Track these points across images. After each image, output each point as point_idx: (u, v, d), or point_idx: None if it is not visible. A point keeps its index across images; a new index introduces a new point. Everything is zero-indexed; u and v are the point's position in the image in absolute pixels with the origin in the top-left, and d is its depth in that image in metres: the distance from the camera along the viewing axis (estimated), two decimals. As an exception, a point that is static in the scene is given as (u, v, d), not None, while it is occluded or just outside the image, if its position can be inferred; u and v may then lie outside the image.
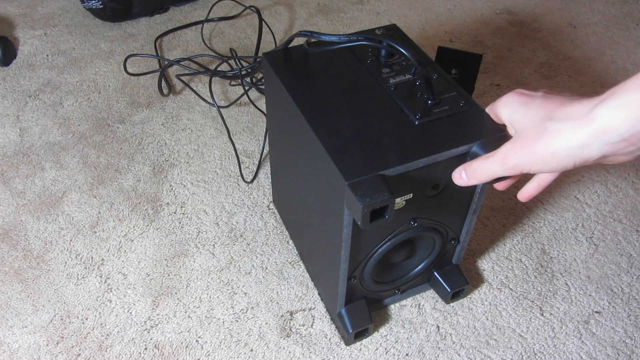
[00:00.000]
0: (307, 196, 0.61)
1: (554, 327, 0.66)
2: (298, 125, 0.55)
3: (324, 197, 0.55)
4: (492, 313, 0.68)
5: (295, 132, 0.57)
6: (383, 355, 0.64)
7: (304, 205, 0.64)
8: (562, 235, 0.76)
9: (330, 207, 0.53)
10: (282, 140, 0.66)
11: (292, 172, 0.65)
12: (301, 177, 0.62)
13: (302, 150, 0.58)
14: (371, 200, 0.44)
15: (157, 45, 1.12)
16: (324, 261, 0.62)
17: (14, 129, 0.94)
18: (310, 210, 0.62)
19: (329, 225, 0.55)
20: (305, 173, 0.59)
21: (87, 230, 0.78)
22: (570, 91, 0.97)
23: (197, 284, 0.71)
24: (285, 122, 0.61)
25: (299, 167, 0.61)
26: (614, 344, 0.65)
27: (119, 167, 0.87)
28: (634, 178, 0.82)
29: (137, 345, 0.65)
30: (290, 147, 0.62)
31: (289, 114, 0.58)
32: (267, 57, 0.60)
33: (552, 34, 1.14)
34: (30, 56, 1.10)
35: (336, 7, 1.24)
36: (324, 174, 0.52)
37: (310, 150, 0.54)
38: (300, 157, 0.60)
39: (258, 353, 0.64)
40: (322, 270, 0.65)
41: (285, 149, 0.65)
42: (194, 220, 0.79)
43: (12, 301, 0.69)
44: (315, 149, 0.51)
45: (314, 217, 0.61)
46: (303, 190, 0.62)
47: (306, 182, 0.60)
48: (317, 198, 0.57)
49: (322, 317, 0.67)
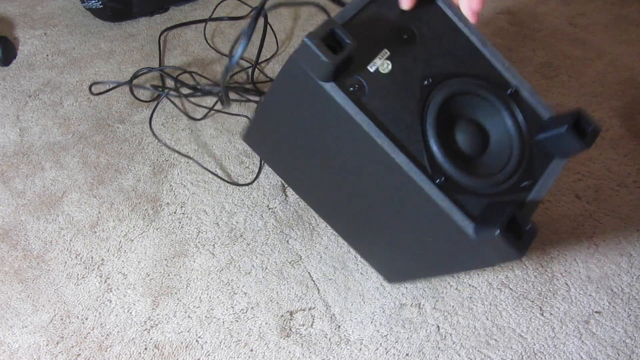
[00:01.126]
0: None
1: (554, 327, 0.66)
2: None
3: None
4: (492, 313, 0.68)
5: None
6: (383, 355, 0.64)
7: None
8: (562, 235, 0.76)
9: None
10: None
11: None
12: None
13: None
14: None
15: (160, 41, 1.12)
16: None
17: (14, 129, 0.94)
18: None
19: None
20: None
21: (87, 230, 0.78)
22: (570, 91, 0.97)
23: (197, 284, 0.71)
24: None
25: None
26: (614, 344, 0.65)
27: (119, 167, 0.87)
28: (634, 177, 0.82)
29: (137, 345, 0.65)
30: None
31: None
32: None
33: (552, 34, 1.14)
34: (30, 56, 1.10)
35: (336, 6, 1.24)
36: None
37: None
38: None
39: (258, 353, 0.64)
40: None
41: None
42: (194, 220, 0.79)
43: (12, 301, 0.69)
44: None
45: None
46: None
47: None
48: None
49: (322, 317, 0.67)
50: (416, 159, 0.45)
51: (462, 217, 0.45)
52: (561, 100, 0.94)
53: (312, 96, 0.49)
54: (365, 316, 0.67)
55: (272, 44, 1.12)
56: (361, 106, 0.46)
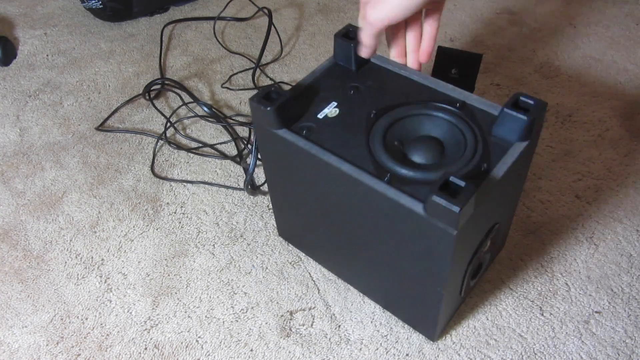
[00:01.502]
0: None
1: (554, 327, 0.66)
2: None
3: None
4: (492, 313, 0.68)
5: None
6: (383, 355, 0.64)
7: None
8: (562, 235, 0.76)
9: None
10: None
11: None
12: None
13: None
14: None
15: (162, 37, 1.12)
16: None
17: (14, 129, 0.94)
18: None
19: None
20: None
21: (87, 230, 0.78)
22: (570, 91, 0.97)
23: (197, 284, 0.71)
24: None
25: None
26: (614, 344, 0.65)
27: (119, 167, 0.87)
28: (634, 178, 0.82)
29: (137, 345, 0.65)
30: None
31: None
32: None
33: (552, 34, 1.14)
34: (30, 56, 1.11)
35: (336, 7, 1.24)
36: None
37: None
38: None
39: (258, 353, 0.64)
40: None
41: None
42: (194, 220, 0.79)
43: (12, 301, 0.69)
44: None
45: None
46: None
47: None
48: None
49: (322, 317, 0.67)
50: (363, 167, 0.52)
51: (411, 200, 0.49)
52: (561, 100, 0.94)
53: (277, 146, 0.59)
54: (366, 316, 0.67)
55: (272, 44, 1.12)
56: (310, 140, 0.55)
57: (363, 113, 0.58)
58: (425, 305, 0.60)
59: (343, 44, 0.62)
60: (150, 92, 0.99)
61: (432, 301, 0.58)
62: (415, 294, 0.60)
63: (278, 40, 1.13)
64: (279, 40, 1.13)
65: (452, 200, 0.44)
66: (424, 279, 0.56)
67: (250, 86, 1.01)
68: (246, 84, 1.02)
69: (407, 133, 0.56)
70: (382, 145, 0.54)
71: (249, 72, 1.05)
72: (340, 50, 0.63)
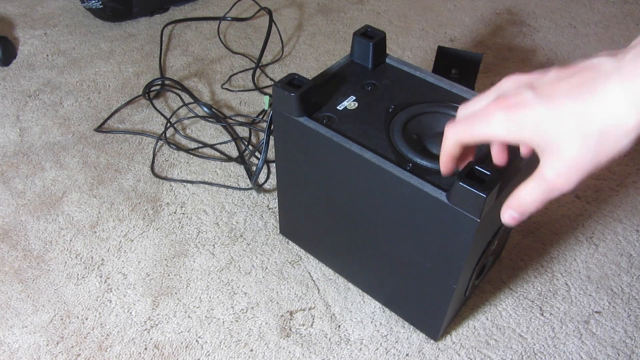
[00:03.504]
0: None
1: (554, 327, 0.66)
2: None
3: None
4: (492, 313, 0.68)
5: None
6: (383, 355, 0.64)
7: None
8: (562, 235, 0.76)
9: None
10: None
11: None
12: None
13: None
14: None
15: (162, 37, 1.12)
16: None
17: (14, 129, 0.94)
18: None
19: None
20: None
21: (87, 230, 0.78)
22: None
23: (197, 284, 0.71)
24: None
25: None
26: (614, 344, 0.65)
27: (119, 167, 0.87)
28: (634, 178, 0.82)
29: (137, 345, 0.65)
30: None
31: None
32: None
33: (552, 34, 1.14)
34: (30, 56, 1.11)
35: (336, 7, 1.24)
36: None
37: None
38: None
39: (258, 353, 0.64)
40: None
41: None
42: (194, 220, 0.79)
43: (12, 301, 0.69)
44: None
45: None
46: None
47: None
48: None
49: (322, 317, 0.67)
50: (385, 155, 0.54)
51: (434, 188, 0.50)
52: (561, 100, 0.94)
53: (296, 134, 0.59)
54: (366, 316, 0.67)
55: (272, 44, 1.12)
56: (332, 129, 0.56)
57: (381, 107, 0.60)
58: (433, 302, 0.60)
59: (362, 42, 0.64)
60: (150, 92, 0.99)
61: (441, 297, 0.58)
62: (423, 290, 0.60)
63: (278, 41, 1.13)
64: (280, 40, 1.13)
65: (479, 187, 0.46)
66: (437, 272, 0.56)
67: (250, 86, 1.02)
68: (246, 84, 1.02)
69: (424, 129, 0.58)
70: (402, 137, 0.55)
71: (249, 72, 1.05)
72: (359, 48, 0.65)
